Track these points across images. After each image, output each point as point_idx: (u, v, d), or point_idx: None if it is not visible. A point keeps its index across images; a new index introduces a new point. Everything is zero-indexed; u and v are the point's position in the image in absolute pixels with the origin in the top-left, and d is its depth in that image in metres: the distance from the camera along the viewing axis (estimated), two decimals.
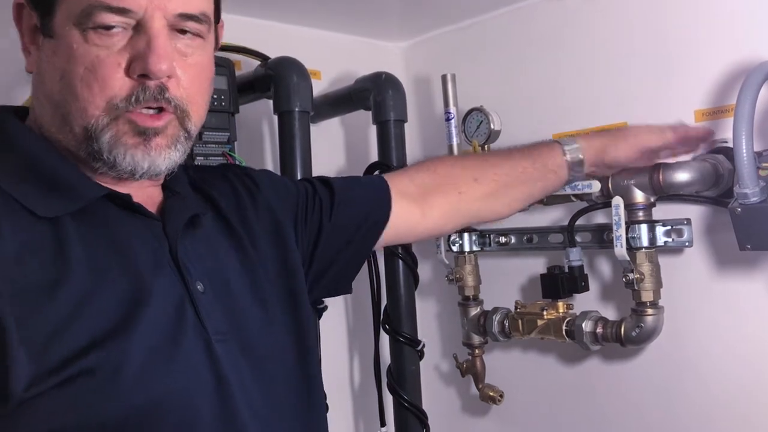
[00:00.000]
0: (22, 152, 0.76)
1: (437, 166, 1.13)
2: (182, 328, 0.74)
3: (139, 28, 0.73)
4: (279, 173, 1.32)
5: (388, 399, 1.45)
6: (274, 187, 0.98)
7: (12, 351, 0.64)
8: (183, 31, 0.76)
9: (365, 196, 1.05)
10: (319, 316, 1.22)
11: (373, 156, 1.47)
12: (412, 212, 1.06)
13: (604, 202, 1.25)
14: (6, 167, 0.74)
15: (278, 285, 0.90)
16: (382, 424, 1.47)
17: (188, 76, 0.77)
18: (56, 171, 0.75)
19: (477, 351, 1.49)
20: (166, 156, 0.76)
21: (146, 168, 0.75)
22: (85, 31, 0.72)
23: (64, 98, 0.74)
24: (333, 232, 0.99)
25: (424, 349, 1.44)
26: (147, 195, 0.82)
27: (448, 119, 1.44)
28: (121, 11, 0.72)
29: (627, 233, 1.20)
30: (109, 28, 0.72)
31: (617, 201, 1.20)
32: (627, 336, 1.24)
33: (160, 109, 0.75)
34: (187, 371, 0.73)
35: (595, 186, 1.21)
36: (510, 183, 1.11)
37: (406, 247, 1.42)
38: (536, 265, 1.47)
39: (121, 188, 0.78)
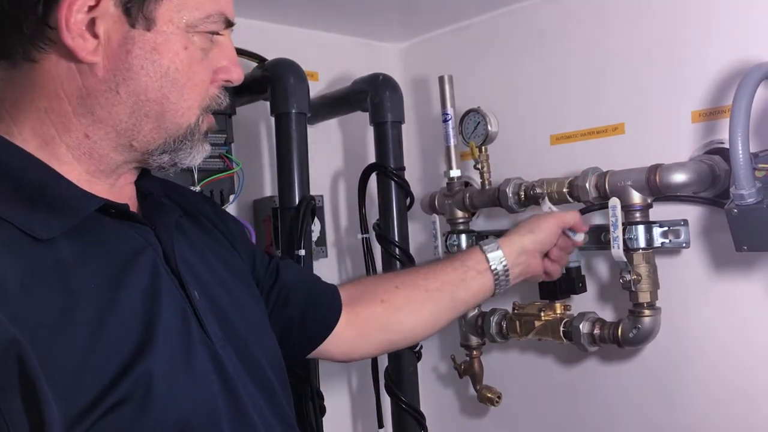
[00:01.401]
0: (2, 165, 0.69)
1: (362, 279, 1.15)
2: (191, 338, 0.73)
3: (218, 37, 0.77)
4: (276, 175, 1.32)
5: (386, 401, 1.44)
6: (238, 227, 0.99)
7: (44, 399, 0.59)
8: None
9: (325, 289, 1.06)
10: None
11: (371, 157, 1.47)
12: (342, 320, 1.03)
13: (601, 203, 1.25)
14: None
15: (252, 292, 0.91)
16: (380, 425, 1.47)
17: None
18: (45, 183, 0.70)
19: (475, 352, 1.49)
20: (209, 149, 0.81)
21: (198, 162, 0.79)
22: (195, 33, 0.74)
23: (165, 96, 0.73)
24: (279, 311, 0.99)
25: (422, 351, 1.44)
26: (127, 196, 0.80)
27: (445, 120, 1.44)
28: (230, 24, 0.78)
29: (624, 234, 1.20)
30: (213, 35, 0.76)
31: (614, 202, 1.20)
32: (624, 337, 1.24)
33: None
34: (203, 382, 0.72)
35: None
36: (431, 287, 1.07)
37: (404, 248, 1.42)
38: None
39: (101, 186, 0.75)
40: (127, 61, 0.71)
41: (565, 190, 1.27)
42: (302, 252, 1.26)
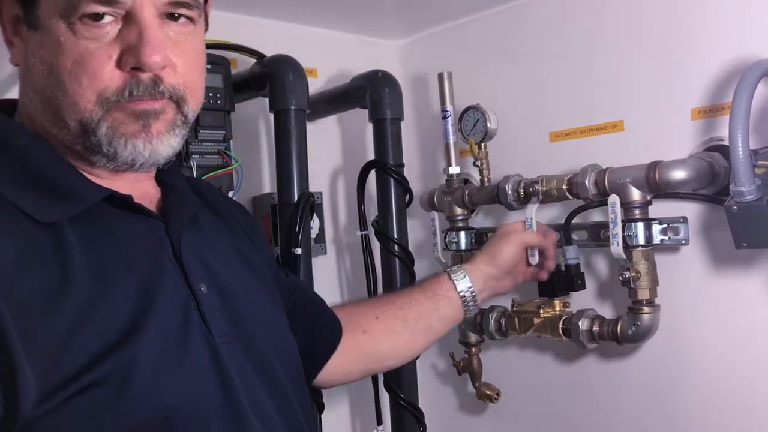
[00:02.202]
0: (15, 152, 0.73)
1: (345, 305, 1.15)
2: (188, 332, 0.73)
3: (129, 18, 0.70)
4: (275, 172, 1.32)
5: (385, 398, 1.44)
6: (266, 244, 1.01)
7: (19, 369, 0.61)
8: (174, 17, 0.74)
9: (332, 315, 1.07)
10: None
11: (370, 154, 1.47)
12: None
13: (600, 200, 1.25)
14: (2, 168, 0.71)
15: (272, 292, 0.91)
16: (379, 422, 1.47)
17: (184, 62, 0.75)
18: (53, 172, 0.73)
19: (474, 349, 1.49)
20: (167, 142, 0.75)
21: (147, 156, 0.73)
22: (72, 23, 0.69)
23: (53, 93, 0.71)
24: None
25: None
26: (144, 191, 0.80)
27: (444, 117, 1.43)
28: (110, 1, 0.69)
29: (623, 231, 1.20)
30: (97, 18, 0.69)
31: (614, 199, 1.20)
32: (623, 334, 1.24)
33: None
34: (194, 375, 0.72)
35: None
36: (407, 317, 1.10)
37: (403, 245, 1.42)
38: None
39: (118, 184, 0.76)
40: (26, 61, 0.73)
41: (564, 187, 1.27)
42: (299, 251, 1.26)
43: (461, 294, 1.13)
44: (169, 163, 0.79)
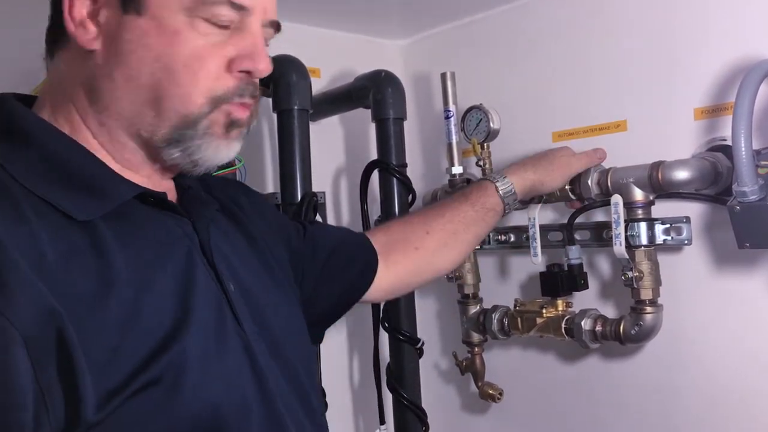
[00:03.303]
0: (45, 148, 0.70)
1: (389, 225, 1.20)
2: (225, 329, 0.73)
3: (243, 25, 0.74)
4: (278, 171, 1.32)
5: (388, 397, 1.45)
6: (274, 212, 1.03)
7: (80, 372, 0.60)
8: None
9: (357, 242, 1.11)
10: None
11: (373, 154, 1.47)
12: (379, 266, 1.10)
13: (603, 200, 1.25)
14: (26, 166, 0.68)
15: (285, 284, 0.92)
16: (382, 422, 1.47)
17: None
18: (85, 168, 0.71)
19: (476, 349, 1.49)
20: (235, 148, 0.78)
21: (222, 159, 0.76)
22: (193, 18, 0.71)
23: (158, 82, 0.71)
24: (325, 274, 1.04)
25: (424, 347, 1.44)
26: (167, 189, 0.80)
27: (447, 117, 1.43)
28: (240, 8, 0.73)
29: (626, 231, 1.20)
30: (221, 21, 0.72)
31: (616, 199, 1.20)
32: (626, 334, 1.24)
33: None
34: (235, 371, 0.72)
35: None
36: (457, 229, 1.15)
37: None
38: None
39: (143, 180, 0.76)
40: (119, 46, 0.71)
41: (567, 186, 1.27)
42: None
43: (507, 205, 1.18)
44: None
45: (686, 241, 1.23)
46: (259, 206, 0.99)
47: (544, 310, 1.33)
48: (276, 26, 0.79)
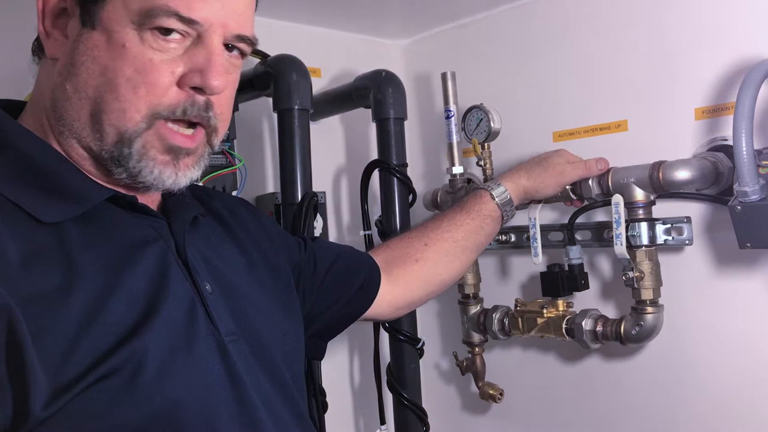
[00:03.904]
0: (19, 152, 0.72)
1: (389, 242, 1.20)
2: (195, 329, 0.73)
3: (199, 40, 0.72)
4: (279, 171, 1.32)
5: (388, 397, 1.45)
6: (277, 227, 1.04)
7: (30, 368, 0.60)
8: (229, 47, 0.76)
9: (358, 258, 1.11)
10: None
11: (373, 154, 1.47)
12: (382, 282, 1.11)
13: (603, 200, 1.25)
14: (1, 169, 0.70)
15: (278, 289, 0.92)
16: (382, 422, 1.47)
17: (227, 93, 0.77)
18: (57, 172, 0.72)
19: (477, 349, 1.49)
20: (190, 176, 0.76)
21: (168, 185, 0.74)
22: (141, 31, 0.70)
23: (101, 95, 0.70)
24: (329, 285, 1.04)
25: (424, 348, 1.44)
26: (148, 194, 0.80)
27: (448, 117, 1.43)
28: (189, 21, 0.70)
29: (627, 231, 1.20)
30: (167, 32, 0.70)
31: (617, 199, 1.19)
32: (627, 334, 1.24)
33: (193, 125, 0.74)
34: (203, 371, 0.72)
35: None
36: (456, 238, 1.17)
37: None
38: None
39: (121, 186, 0.76)
40: (73, 57, 0.72)
41: (567, 187, 1.27)
42: None
43: (504, 212, 1.19)
44: None
45: (687, 241, 1.23)
46: (262, 221, 1.00)
47: (544, 311, 1.33)
48: (246, 41, 0.77)
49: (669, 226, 1.23)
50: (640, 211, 1.21)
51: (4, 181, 0.69)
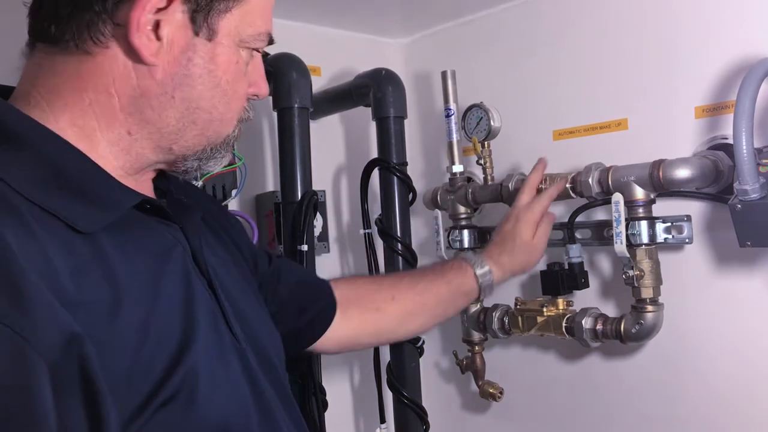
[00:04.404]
0: (40, 153, 0.65)
1: (357, 279, 1.19)
2: (223, 339, 0.72)
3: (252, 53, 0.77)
4: (279, 170, 1.32)
5: (388, 396, 1.44)
6: (244, 230, 1.02)
7: (102, 398, 0.56)
8: None
9: (317, 288, 1.08)
10: None
11: (373, 152, 1.47)
12: (336, 318, 1.07)
13: (603, 198, 1.25)
14: (23, 173, 0.63)
15: (257, 293, 0.91)
16: (382, 420, 1.47)
17: None
18: (85, 175, 0.67)
19: (477, 348, 1.49)
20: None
21: (217, 170, 0.81)
22: (242, 47, 0.74)
23: (214, 106, 0.73)
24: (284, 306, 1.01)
25: (424, 346, 1.43)
26: (148, 191, 0.78)
27: (448, 116, 1.43)
28: (272, 42, 0.79)
29: (627, 230, 1.20)
30: (258, 52, 0.78)
31: (617, 198, 1.19)
32: (627, 333, 1.24)
33: None
34: (238, 382, 0.72)
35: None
36: (426, 303, 1.14)
37: (406, 244, 1.41)
38: None
39: (128, 182, 0.73)
40: (187, 68, 0.70)
41: (567, 185, 1.27)
42: (305, 247, 1.26)
43: (483, 290, 1.18)
44: None
45: (687, 240, 1.23)
46: (232, 222, 0.98)
47: (544, 309, 1.33)
48: None
49: (669, 224, 1.23)
50: (640, 210, 1.20)
51: (30, 186, 0.62)
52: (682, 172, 1.15)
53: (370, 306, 1.11)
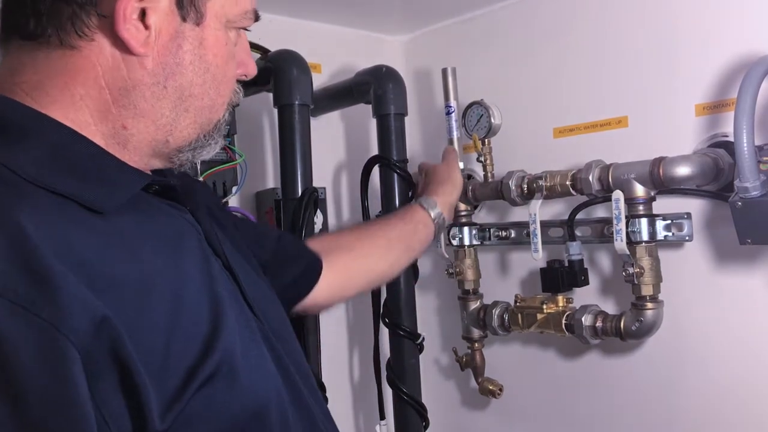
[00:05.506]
0: (45, 139, 0.64)
1: (323, 235, 1.25)
2: (247, 318, 0.72)
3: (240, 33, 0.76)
4: (279, 167, 1.32)
5: (388, 392, 1.45)
6: (223, 205, 1.04)
7: (140, 382, 0.56)
8: None
9: (297, 243, 1.10)
10: None
11: (373, 149, 1.47)
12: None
13: (604, 196, 1.25)
14: (30, 160, 0.61)
15: (257, 268, 0.90)
16: (382, 417, 1.48)
17: None
18: (92, 158, 0.66)
19: (476, 345, 1.49)
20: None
21: (209, 157, 0.77)
22: (229, 28, 0.72)
23: (205, 92, 0.71)
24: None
25: (424, 343, 1.44)
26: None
27: (448, 113, 1.43)
28: (258, 19, 0.76)
29: (627, 227, 1.20)
30: (244, 31, 0.76)
31: (617, 195, 1.19)
32: (627, 330, 1.24)
33: None
34: (268, 359, 0.71)
35: None
36: (391, 238, 1.20)
37: None
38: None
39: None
40: (178, 55, 0.68)
41: (568, 182, 1.27)
42: None
43: (435, 221, 1.25)
44: None
45: (687, 237, 1.23)
46: (215, 201, 0.98)
47: (544, 306, 1.33)
48: None
49: (669, 222, 1.23)
50: (641, 207, 1.21)
51: (39, 172, 0.61)
52: (683, 170, 1.15)
53: (341, 249, 1.13)
